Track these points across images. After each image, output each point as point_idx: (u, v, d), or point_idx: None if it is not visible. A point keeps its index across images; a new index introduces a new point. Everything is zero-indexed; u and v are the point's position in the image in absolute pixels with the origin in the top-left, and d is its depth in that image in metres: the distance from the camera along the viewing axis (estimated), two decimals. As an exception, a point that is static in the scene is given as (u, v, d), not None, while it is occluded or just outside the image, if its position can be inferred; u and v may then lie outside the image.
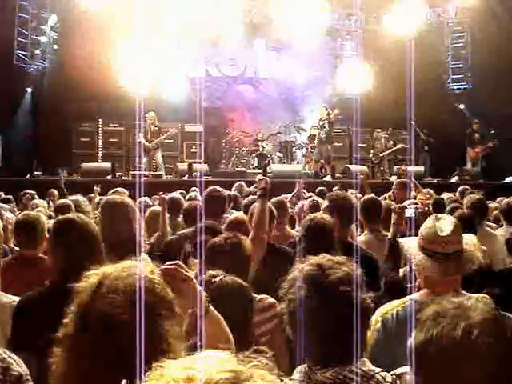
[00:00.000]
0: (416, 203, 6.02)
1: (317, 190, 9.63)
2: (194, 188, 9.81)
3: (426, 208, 6.58)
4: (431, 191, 9.02)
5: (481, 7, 18.90)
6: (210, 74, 20.96)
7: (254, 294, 3.09)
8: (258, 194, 4.59)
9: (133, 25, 19.50)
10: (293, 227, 6.26)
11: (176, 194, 7.54)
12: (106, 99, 17.33)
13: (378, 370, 2.03)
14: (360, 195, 7.38)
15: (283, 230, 5.69)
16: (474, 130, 17.59)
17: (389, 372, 2.04)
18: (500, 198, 8.84)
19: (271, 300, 3.35)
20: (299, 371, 2.05)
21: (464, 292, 2.71)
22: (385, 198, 8.49)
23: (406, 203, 6.31)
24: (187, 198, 8.54)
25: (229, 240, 3.44)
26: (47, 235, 4.04)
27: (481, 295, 2.87)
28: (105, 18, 18.21)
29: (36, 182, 12.68)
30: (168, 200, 7.02)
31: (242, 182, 10.17)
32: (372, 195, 6.21)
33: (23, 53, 17.72)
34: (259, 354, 1.15)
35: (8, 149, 15.25)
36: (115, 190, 7.04)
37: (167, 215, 6.58)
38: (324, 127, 16.57)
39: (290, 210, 6.58)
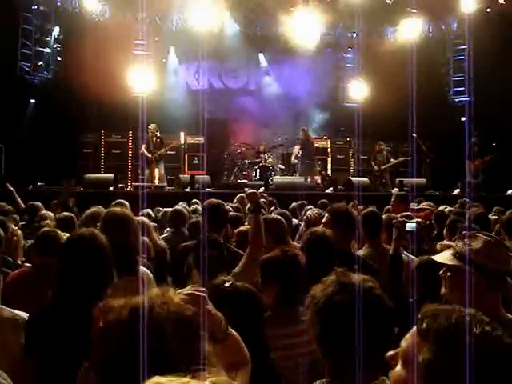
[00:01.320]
0: (414, 216, 6.01)
1: (319, 203, 9.63)
2: (195, 200, 9.83)
3: (428, 221, 6.60)
4: (432, 204, 9.01)
5: (482, 20, 18.97)
6: (213, 86, 21.04)
7: None
8: (249, 208, 4.55)
9: (136, 37, 19.66)
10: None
11: (179, 207, 7.53)
12: (108, 111, 17.39)
13: None
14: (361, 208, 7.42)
15: (288, 244, 5.68)
16: (473, 143, 17.61)
17: None
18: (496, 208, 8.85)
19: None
20: None
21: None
22: (387, 211, 8.51)
23: (400, 216, 6.34)
24: (190, 209, 8.57)
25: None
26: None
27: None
28: (109, 29, 18.34)
29: (39, 193, 12.70)
30: (172, 213, 7.04)
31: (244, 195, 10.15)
32: (372, 208, 6.22)
33: (27, 64, 17.79)
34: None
35: (11, 160, 15.27)
36: (117, 201, 7.00)
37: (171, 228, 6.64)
38: (304, 149, 16.74)
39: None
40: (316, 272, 2.33)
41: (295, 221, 7.30)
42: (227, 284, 2.69)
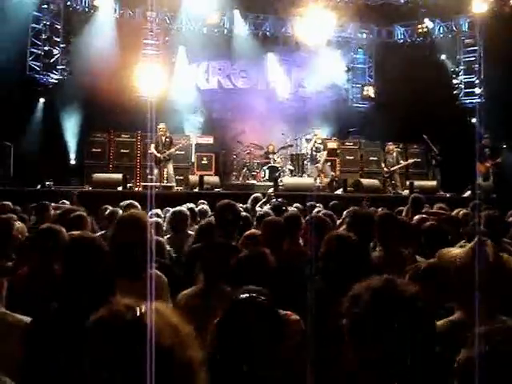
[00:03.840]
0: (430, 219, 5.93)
1: (330, 205, 9.56)
2: (202, 201, 9.76)
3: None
4: (445, 206, 8.91)
5: (493, 21, 18.86)
6: (223, 86, 21.01)
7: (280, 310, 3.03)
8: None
9: (146, 36, 19.65)
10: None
11: (182, 208, 7.39)
12: (117, 110, 17.36)
13: None
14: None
15: (297, 245, 5.61)
16: (484, 145, 17.49)
17: None
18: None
19: (296, 317, 3.29)
20: None
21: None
22: (398, 213, 8.43)
23: (416, 220, 6.26)
24: (197, 209, 8.50)
25: None
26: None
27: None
28: (118, 29, 18.34)
29: (47, 193, 12.69)
30: (173, 214, 6.93)
31: (258, 194, 10.05)
32: (387, 211, 6.14)
33: (36, 63, 17.79)
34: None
35: (19, 159, 15.26)
36: (128, 202, 6.90)
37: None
38: (319, 150, 16.72)
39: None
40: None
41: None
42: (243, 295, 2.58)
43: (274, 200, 9.31)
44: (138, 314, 1.58)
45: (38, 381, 2.74)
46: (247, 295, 2.54)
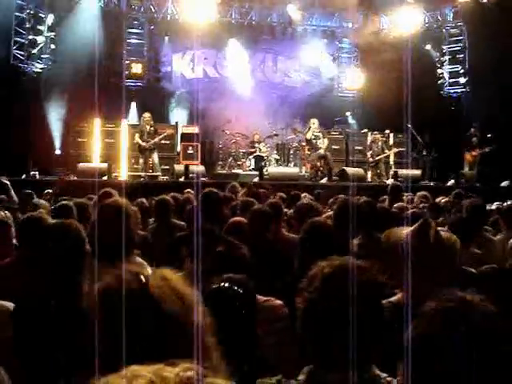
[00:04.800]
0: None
1: (314, 193, 9.62)
2: (188, 190, 9.77)
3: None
4: (428, 195, 8.98)
5: (478, 11, 18.93)
6: (208, 75, 20.98)
7: (261, 296, 3.07)
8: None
9: (131, 25, 19.58)
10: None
11: (166, 197, 7.37)
12: (102, 99, 17.27)
13: (384, 375, 2.02)
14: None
15: (280, 233, 5.65)
16: (472, 134, 17.59)
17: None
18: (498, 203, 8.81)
19: (279, 302, 3.33)
20: (305, 372, 2.03)
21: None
22: (382, 202, 8.49)
23: (395, 207, 6.33)
24: (182, 199, 8.51)
25: None
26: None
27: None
28: (103, 17, 18.25)
29: (32, 183, 12.65)
30: (157, 202, 6.93)
31: (236, 183, 10.08)
32: (368, 199, 6.19)
33: (20, 52, 17.66)
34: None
35: (3, 149, 15.18)
36: (104, 191, 6.84)
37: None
38: (319, 138, 16.63)
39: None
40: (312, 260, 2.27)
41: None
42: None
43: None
44: (144, 280, 1.62)
45: (22, 364, 2.77)
46: (220, 285, 2.59)
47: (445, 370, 1.47)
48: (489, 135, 17.45)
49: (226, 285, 2.60)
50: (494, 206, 8.33)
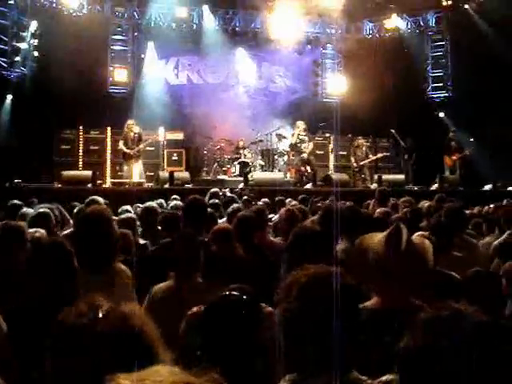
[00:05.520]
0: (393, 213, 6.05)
1: (299, 198, 9.65)
2: (175, 196, 9.78)
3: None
4: (412, 199, 9.04)
5: (460, 16, 19.12)
6: (192, 82, 20.98)
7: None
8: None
9: (114, 32, 19.55)
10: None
11: (152, 203, 7.39)
12: (86, 106, 17.24)
13: (364, 377, 2.05)
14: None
15: (265, 238, 5.68)
16: (450, 138, 17.77)
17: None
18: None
19: (270, 309, 3.36)
20: (287, 379, 2.06)
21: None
22: (367, 206, 8.55)
23: (378, 212, 6.38)
24: (170, 206, 8.52)
25: None
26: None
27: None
28: (86, 24, 18.18)
29: (16, 190, 12.58)
30: (143, 210, 6.93)
31: (216, 189, 10.06)
32: (351, 204, 6.23)
33: (3, 59, 17.55)
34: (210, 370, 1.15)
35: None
36: (91, 198, 6.84)
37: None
38: (304, 141, 16.62)
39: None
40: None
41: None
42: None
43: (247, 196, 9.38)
44: (100, 315, 1.64)
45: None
46: (230, 292, 2.64)
47: (440, 380, 1.48)
48: (471, 139, 17.62)
49: (234, 293, 2.65)
50: (475, 210, 8.42)
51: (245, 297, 2.64)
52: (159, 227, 6.74)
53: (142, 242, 6.11)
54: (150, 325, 1.69)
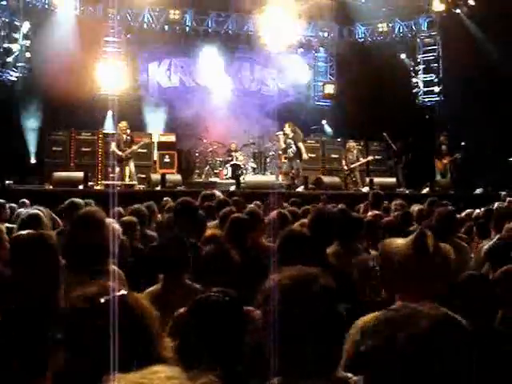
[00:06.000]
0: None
1: (290, 201, 9.65)
2: (166, 198, 9.77)
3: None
4: (404, 203, 9.06)
5: (452, 21, 19.20)
6: (185, 84, 20.98)
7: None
8: None
9: (107, 34, 19.51)
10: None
11: (140, 206, 7.32)
12: (78, 108, 17.20)
13: (350, 375, 2.07)
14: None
15: (258, 240, 5.67)
16: (441, 142, 17.85)
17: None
18: (469, 210, 8.93)
19: (258, 312, 3.37)
20: (273, 383, 2.07)
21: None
22: (359, 210, 8.57)
23: (370, 215, 6.39)
24: (166, 207, 8.49)
25: None
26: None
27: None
28: (79, 26, 18.15)
29: (7, 192, 12.52)
30: (133, 212, 6.89)
31: (207, 192, 10.02)
32: (343, 207, 6.25)
33: (-5, 61, 17.51)
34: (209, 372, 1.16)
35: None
36: (84, 201, 6.81)
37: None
38: (291, 146, 16.46)
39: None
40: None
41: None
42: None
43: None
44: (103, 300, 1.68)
45: None
46: (212, 293, 2.66)
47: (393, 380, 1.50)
48: (462, 143, 17.70)
49: (214, 293, 2.67)
50: (463, 214, 8.45)
51: (227, 298, 2.65)
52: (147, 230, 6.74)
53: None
54: (152, 313, 1.73)
